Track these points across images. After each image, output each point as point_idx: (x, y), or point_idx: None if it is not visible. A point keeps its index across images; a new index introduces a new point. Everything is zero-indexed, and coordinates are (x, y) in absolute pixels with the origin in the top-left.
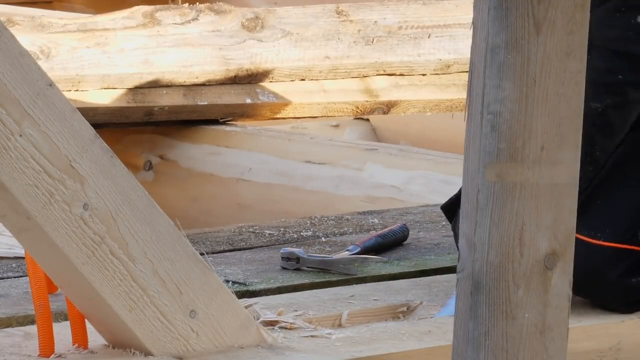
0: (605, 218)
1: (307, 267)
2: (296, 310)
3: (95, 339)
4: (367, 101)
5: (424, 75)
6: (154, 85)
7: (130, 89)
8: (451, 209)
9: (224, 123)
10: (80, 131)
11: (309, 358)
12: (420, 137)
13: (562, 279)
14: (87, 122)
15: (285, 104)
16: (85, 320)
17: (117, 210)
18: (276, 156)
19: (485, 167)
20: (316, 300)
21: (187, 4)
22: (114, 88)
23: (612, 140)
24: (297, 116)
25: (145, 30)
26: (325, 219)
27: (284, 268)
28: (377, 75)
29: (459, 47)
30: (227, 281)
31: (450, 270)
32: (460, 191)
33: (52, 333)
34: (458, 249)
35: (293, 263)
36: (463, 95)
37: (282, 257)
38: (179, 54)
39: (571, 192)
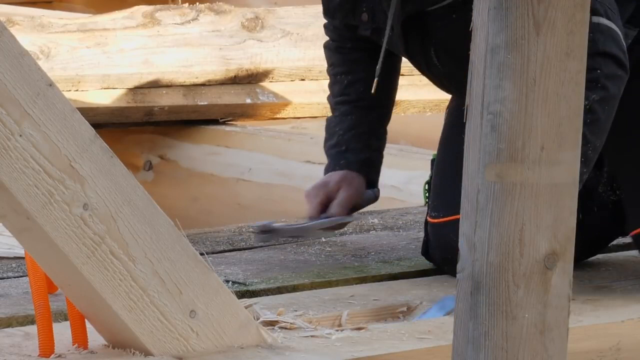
0: None
1: (284, 238)
2: (296, 310)
3: (95, 339)
4: None
5: None
6: (154, 85)
7: (130, 89)
8: (427, 250)
9: (224, 123)
10: (80, 131)
11: (309, 358)
12: (420, 137)
13: (562, 279)
14: (87, 122)
15: (285, 104)
16: (85, 320)
17: (117, 210)
18: (276, 156)
19: (485, 167)
20: (316, 300)
21: (187, 4)
22: (114, 88)
23: (600, 137)
24: (297, 116)
25: (145, 30)
26: None
27: (261, 244)
28: None
29: None
30: (227, 281)
31: None
32: (426, 232)
33: (52, 333)
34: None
35: (268, 236)
36: None
37: (256, 233)
38: (179, 54)
39: (571, 192)
